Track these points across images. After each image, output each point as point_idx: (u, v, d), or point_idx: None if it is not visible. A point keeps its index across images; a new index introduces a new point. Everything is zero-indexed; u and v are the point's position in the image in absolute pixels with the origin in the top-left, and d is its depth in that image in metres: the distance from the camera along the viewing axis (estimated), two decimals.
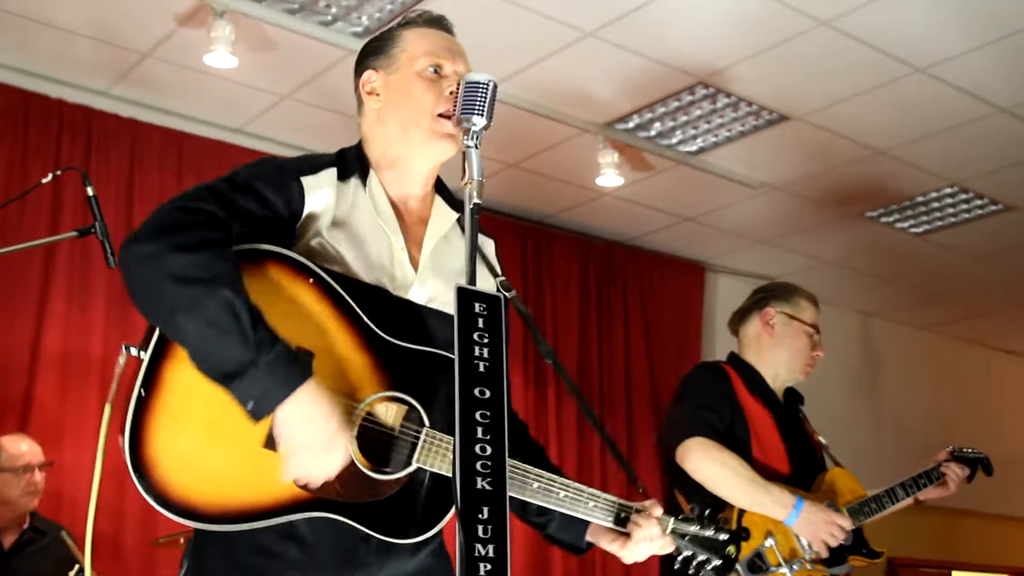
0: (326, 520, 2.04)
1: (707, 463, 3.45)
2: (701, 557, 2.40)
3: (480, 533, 1.66)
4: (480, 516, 1.67)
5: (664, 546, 2.34)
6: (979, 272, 8.00)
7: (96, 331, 5.23)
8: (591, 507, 2.29)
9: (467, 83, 2.04)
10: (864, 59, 5.12)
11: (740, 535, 2.43)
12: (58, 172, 3.63)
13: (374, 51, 2.36)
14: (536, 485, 2.22)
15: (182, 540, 4.32)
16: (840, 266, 7.87)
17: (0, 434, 4.69)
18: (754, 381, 3.75)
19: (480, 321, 1.81)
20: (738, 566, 3.32)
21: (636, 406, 7.18)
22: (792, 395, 3.87)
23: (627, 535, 2.32)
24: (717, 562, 2.40)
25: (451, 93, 2.23)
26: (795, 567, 3.39)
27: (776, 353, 3.79)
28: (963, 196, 6.71)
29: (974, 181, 6.50)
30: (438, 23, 2.37)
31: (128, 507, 5.03)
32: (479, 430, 1.73)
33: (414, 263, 2.25)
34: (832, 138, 5.95)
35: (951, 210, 6.93)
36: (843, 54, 5.08)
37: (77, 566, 4.39)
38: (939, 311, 9.00)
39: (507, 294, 2.17)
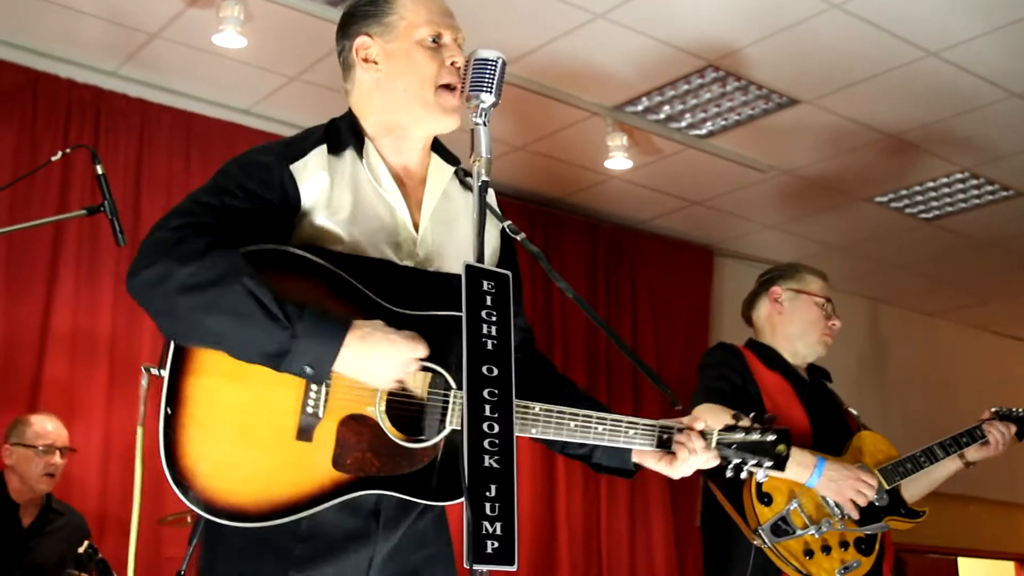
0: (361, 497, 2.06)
1: None
2: (752, 461, 2.37)
3: (488, 511, 1.66)
4: (488, 494, 1.67)
5: (709, 460, 2.33)
6: (988, 258, 7.98)
7: (105, 309, 5.23)
8: (631, 435, 2.27)
9: (476, 60, 2.04)
10: (875, 42, 5.09)
11: (787, 432, 2.39)
12: (68, 150, 3.63)
13: (365, 16, 2.31)
14: (573, 424, 2.21)
15: (188, 519, 4.34)
16: (849, 251, 7.85)
17: (11, 413, 4.72)
18: (772, 358, 3.71)
19: (488, 299, 1.81)
20: (761, 530, 3.28)
21: (643, 390, 7.17)
22: (817, 372, 3.84)
23: (672, 455, 2.30)
24: (769, 463, 2.37)
25: (452, 63, 2.23)
26: (824, 527, 3.33)
27: (789, 328, 3.76)
28: (974, 182, 6.69)
29: (985, 167, 6.48)
30: None
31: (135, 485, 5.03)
32: (487, 408, 1.73)
33: (416, 225, 2.25)
34: (842, 122, 5.93)
35: (961, 196, 6.91)
36: (854, 37, 5.05)
37: (87, 541, 4.41)
38: (948, 297, 8.98)
39: (516, 236, 2.16)
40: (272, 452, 2.00)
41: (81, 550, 4.36)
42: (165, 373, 1.98)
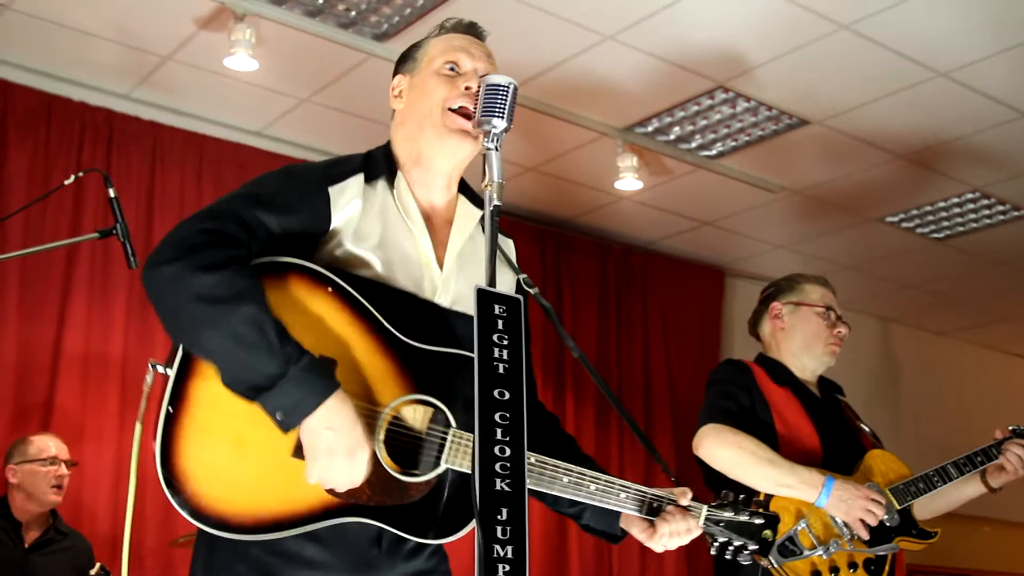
0: (348, 523, 2.06)
1: (722, 448, 3.35)
2: (737, 542, 2.39)
3: (499, 534, 1.66)
4: (499, 517, 1.67)
5: (691, 536, 2.34)
6: (999, 278, 7.96)
7: (117, 332, 5.26)
8: (622, 498, 2.29)
9: (487, 85, 2.05)
10: (885, 63, 5.10)
11: (775, 518, 2.41)
12: (80, 174, 3.66)
13: (403, 58, 2.41)
14: (567, 480, 2.23)
15: None
16: (859, 271, 7.84)
17: (23, 433, 4.73)
18: (781, 374, 3.66)
19: (500, 323, 1.81)
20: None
21: (655, 412, 7.16)
22: (828, 386, 3.79)
23: (654, 527, 2.32)
24: (753, 546, 2.40)
25: (467, 88, 2.26)
26: (832, 548, 3.27)
27: (792, 343, 3.71)
28: (984, 202, 6.68)
29: (996, 187, 6.47)
30: (466, 28, 2.40)
31: (147, 508, 5.05)
32: (498, 432, 1.73)
33: (440, 263, 2.27)
34: (852, 142, 5.93)
35: (972, 216, 6.90)
36: (863, 58, 5.06)
37: (98, 564, 4.41)
38: (958, 317, 8.95)
39: (530, 290, 2.17)
40: (266, 466, 2.00)
41: (93, 572, 4.37)
42: (172, 372, 1.99)
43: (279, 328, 1.94)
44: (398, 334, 2.10)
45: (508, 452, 1.72)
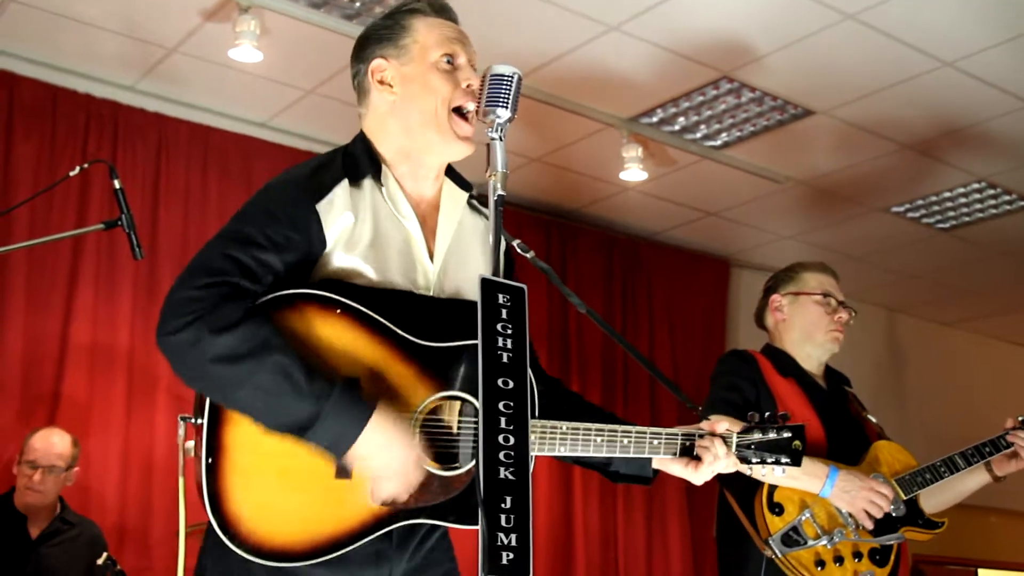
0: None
1: None
2: (770, 460, 2.44)
3: (503, 522, 1.67)
4: (503, 505, 1.68)
5: (731, 464, 2.38)
6: (1005, 268, 7.95)
7: (123, 323, 5.27)
8: (656, 445, 2.32)
9: (492, 75, 2.04)
10: (890, 53, 5.09)
11: (801, 428, 2.46)
12: (86, 165, 3.66)
13: (379, 39, 2.31)
14: (600, 439, 2.26)
15: None
16: (865, 261, 7.83)
17: (31, 425, 4.76)
18: (786, 364, 3.67)
19: (504, 312, 1.82)
20: (771, 540, 3.26)
21: (660, 402, 7.17)
22: (835, 376, 3.80)
23: (695, 459, 2.35)
24: (786, 460, 2.44)
25: (468, 86, 2.24)
26: (836, 538, 3.29)
27: (793, 334, 3.72)
28: (991, 192, 6.67)
29: (1002, 176, 6.46)
30: (445, 12, 2.34)
31: (155, 499, 5.07)
32: (503, 420, 1.74)
33: (431, 253, 2.26)
34: (857, 133, 5.92)
35: (978, 206, 6.89)
36: (869, 48, 5.05)
37: (105, 553, 4.43)
38: (965, 307, 8.94)
39: (525, 255, 2.18)
40: (313, 492, 2.03)
41: (100, 561, 4.38)
42: (203, 421, 2.00)
43: (305, 368, 1.96)
44: (412, 338, 2.11)
45: (512, 441, 1.73)
